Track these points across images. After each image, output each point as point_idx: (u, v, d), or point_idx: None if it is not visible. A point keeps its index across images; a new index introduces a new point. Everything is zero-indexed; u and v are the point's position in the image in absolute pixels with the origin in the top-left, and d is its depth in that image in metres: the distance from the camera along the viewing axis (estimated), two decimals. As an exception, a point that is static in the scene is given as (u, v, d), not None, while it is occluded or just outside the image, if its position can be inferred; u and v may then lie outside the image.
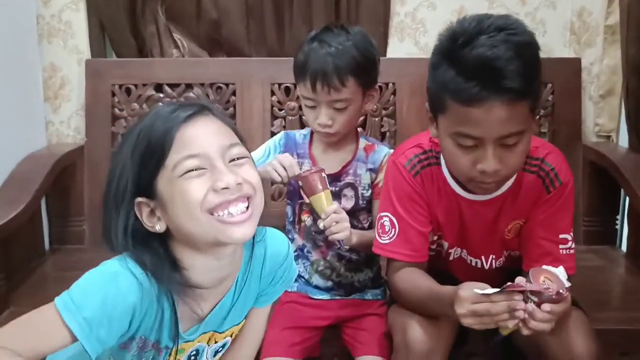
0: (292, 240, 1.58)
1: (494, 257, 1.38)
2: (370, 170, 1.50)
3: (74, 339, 0.89)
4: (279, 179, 1.42)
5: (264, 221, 1.03)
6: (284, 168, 1.42)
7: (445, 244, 1.39)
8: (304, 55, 1.43)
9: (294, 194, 1.54)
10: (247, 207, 0.95)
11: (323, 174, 1.37)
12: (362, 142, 1.52)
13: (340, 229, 1.36)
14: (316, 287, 1.55)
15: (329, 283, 1.55)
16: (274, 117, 2.08)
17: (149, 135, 0.94)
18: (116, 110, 2.09)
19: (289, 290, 1.56)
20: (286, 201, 1.59)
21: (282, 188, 1.93)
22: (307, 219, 1.53)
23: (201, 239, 0.95)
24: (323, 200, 1.36)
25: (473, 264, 1.39)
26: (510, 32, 1.12)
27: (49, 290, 1.02)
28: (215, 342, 1.09)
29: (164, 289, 0.96)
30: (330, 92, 1.39)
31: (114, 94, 2.09)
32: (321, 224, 1.36)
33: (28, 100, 2.09)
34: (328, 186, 1.38)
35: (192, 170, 0.92)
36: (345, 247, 1.44)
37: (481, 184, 1.21)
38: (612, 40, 2.10)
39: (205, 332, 1.06)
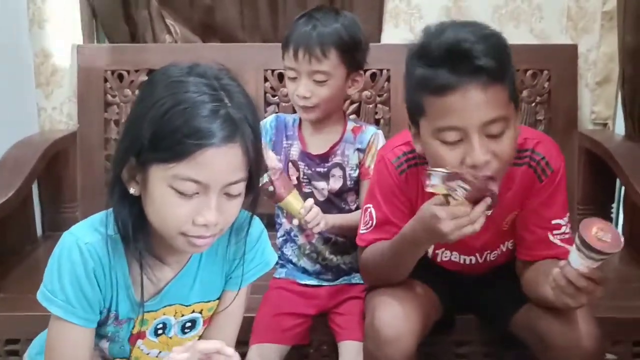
0: (280, 224, 1.58)
1: (489, 252, 1.36)
2: (359, 150, 1.51)
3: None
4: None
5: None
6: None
7: (430, 248, 1.35)
8: (291, 29, 1.46)
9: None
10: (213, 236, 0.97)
11: (283, 174, 1.38)
12: (350, 124, 1.54)
13: (318, 221, 1.38)
14: (304, 270, 1.56)
15: (317, 266, 1.55)
16: (267, 103, 2.06)
17: (172, 121, 0.89)
18: (108, 96, 2.08)
19: (277, 276, 1.57)
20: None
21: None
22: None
23: (162, 234, 0.98)
24: (292, 202, 1.37)
25: (467, 262, 1.37)
26: (476, 26, 1.13)
27: (41, 278, 1.02)
28: (182, 316, 1.09)
29: (124, 253, 0.99)
30: (311, 60, 1.40)
31: (106, 80, 2.07)
32: (302, 221, 1.38)
33: (20, 87, 2.08)
34: (292, 185, 1.40)
35: (186, 194, 0.92)
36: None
37: None
38: (609, 26, 2.08)
39: (170, 305, 1.07)
